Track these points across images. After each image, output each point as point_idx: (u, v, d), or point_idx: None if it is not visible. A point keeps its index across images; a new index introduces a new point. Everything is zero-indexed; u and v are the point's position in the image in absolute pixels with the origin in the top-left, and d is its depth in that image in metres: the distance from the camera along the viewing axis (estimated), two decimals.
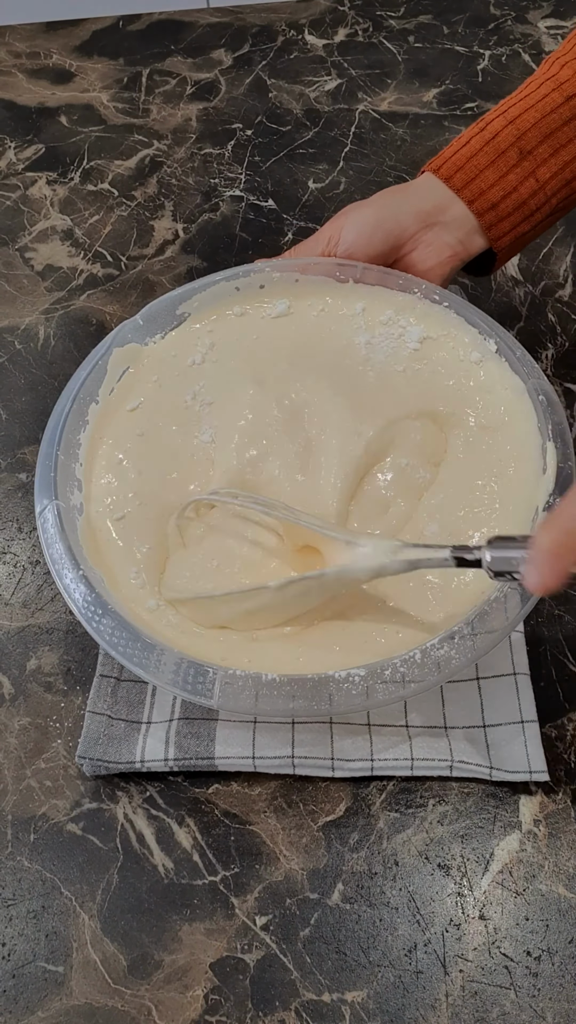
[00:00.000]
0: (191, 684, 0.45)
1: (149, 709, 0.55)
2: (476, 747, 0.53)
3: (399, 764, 0.52)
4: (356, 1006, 0.46)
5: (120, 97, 0.99)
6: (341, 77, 0.99)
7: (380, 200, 0.60)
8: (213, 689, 0.45)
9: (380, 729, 0.53)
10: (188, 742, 0.53)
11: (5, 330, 0.78)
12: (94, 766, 0.53)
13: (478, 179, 0.57)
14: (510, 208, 0.57)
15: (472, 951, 0.48)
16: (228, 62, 1.02)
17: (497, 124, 0.58)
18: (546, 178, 0.57)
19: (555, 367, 0.72)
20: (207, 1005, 0.47)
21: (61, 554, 0.49)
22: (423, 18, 1.06)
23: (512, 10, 1.05)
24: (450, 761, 0.52)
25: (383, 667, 0.45)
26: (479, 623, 0.46)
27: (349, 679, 0.45)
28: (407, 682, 0.45)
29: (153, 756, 0.52)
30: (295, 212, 0.85)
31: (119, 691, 0.55)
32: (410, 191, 0.60)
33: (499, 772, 0.51)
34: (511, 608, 0.47)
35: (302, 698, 0.45)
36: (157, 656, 0.46)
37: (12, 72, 1.02)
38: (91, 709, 0.54)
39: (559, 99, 0.57)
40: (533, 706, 0.54)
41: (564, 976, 0.47)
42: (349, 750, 0.53)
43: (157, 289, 0.79)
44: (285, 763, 0.52)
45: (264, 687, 0.45)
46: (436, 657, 0.46)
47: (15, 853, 0.51)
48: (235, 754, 0.52)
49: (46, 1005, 0.47)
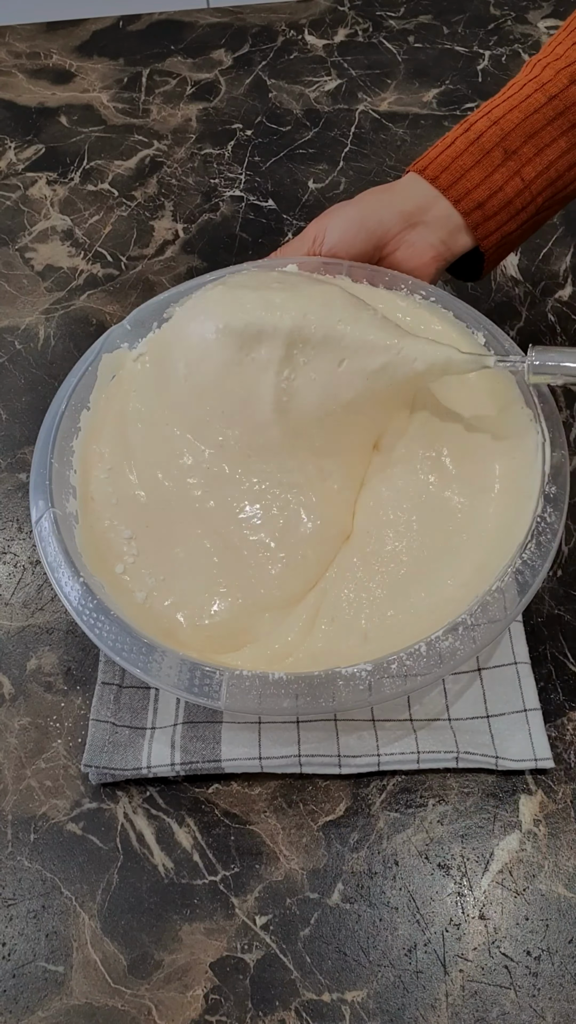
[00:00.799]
0: (197, 686, 0.45)
1: (152, 714, 0.55)
2: (481, 737, 0.53)
3: (405, 758, 0.52)
4: (356, 1006, 0.46)
5: (120, 97, 0.99)
6: (341, 77, 0.99)
7: (364, 200, 0.60)
8: (220, 690, 0.45)
9: (384, 724, 0.53)
10: (194, 745, 0.52)
11: (5, 330, 0.78)
12: (100, 774, 0.52)
13: (464, 179, 0.58)
14: (496, 207, 0.58)
15: (472, 951, 0.48)
16: (228, 62, 1.02)
17: (481, 125, 0.58)
18: (531, 177, 0.57)
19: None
20: (207, 1005, 0.47)
21: (60, 561, 0.49)
22: (423, 18, 1.06)
23: (512, 10, 1.05)
24: (456, 752, 0.52)
25: (389, 661, 0.45)
26: (481, 613, 0.47)
27: (355, 675, 0.45)
28: (412, 675, 0.45)
29: (160, 761, 0.52)
30: (295, 212, 0.86)
31: (122, 698, 0.55)
32: (394, 191, 0.60)
33: (505, 761, 0.52)
34: (510, 597, 0.47)
35: (308, 695, 0.45)
36: (160, 660, 0.46)
37: (12, 72, 1.03)
38: (94, 717, 0.54)
39: (542, 99, 0.57)
40: (535, 694, 0.54)
41: (564, 976, 0.47)
42: (355, 746, 0.53)
43: (157, 289, 0.79)
44: (292, 762, 0.52)
45: (271, 686, 0.45)
46: (440, 649, 0.46)
47: (15, 853, 0.52)
48: (241, 755, 0.52)
49: (46, 1005, 0.47)
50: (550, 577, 0.61)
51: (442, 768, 0.53)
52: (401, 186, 0.60)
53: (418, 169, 0.59)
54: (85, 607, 0.48)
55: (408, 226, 0.60)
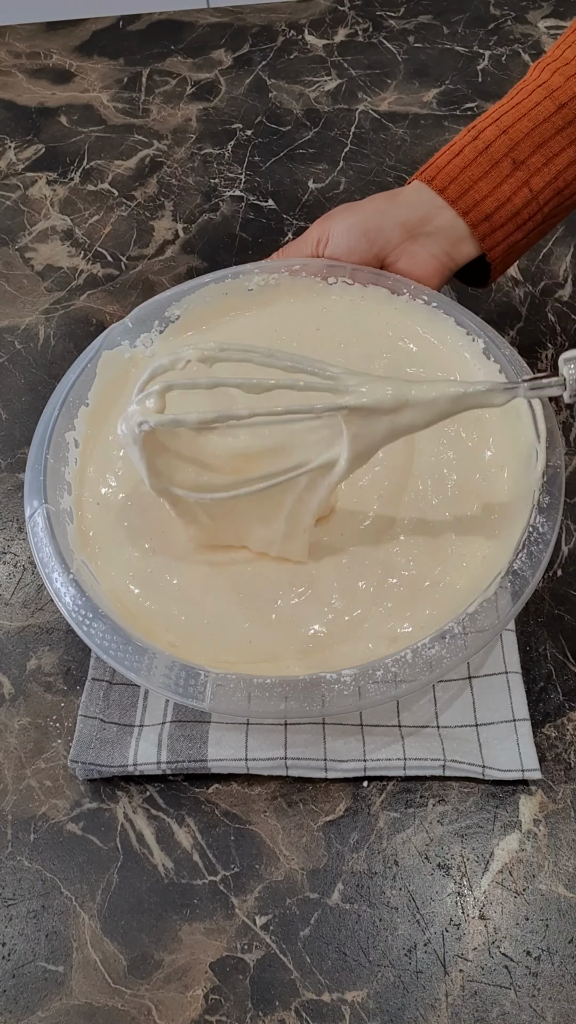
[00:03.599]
0: (183, 687, 0.45)
1: (141, 712, 0.55)
2: (469, 746, 0.53)
3: (392, 764, 0.52)
4: (356, 1006, 0.46)
5: (120, 97, 0.99)
6: (341, 77, 0.99)
7: (366, 209, 0.60)
8: (205, 692, 0.45)
9: (372, 729, 0.53)
10: (180, 745, 0.52)
11: (5, 330, 0.78)
12: (87, 770, 0.52)
13: (472, 190, 0.58)
14: (504, 219, 0.58)
15: (472, 951, 0.48)
16: (228, 62, 1.02)
17: (490, 133, 0.58)
18: (539, 188, 0.57)
19: (555, 367, 0.72)
20: (207, 1005, 0.47)
21: (51, 557, 0.49)
22: (423, 18, 1.06)
23: (512, 10, 1.05)
24: (443, 760, 0.52)
25: (375, 667, 0.45)
26: (470, 622, 0.46)
27: (340, 680, 0.45)
28: (399, 682, 0.45)
29: (146, 759, 0.52)
30: (295, 212, 0.86)
31: (111, 695, 0.55)
32: (398, 201, 0.60)
33: (492, 771, 0.51)
34: (502, 607, 0.47)
35: (294, 699, 0.45)
36: (149, 660, 0.46)
37: (12, 72, 1.02)
38: (83, 713, 0.54)
39: (551, 107, 0.57)
40: (525, 704, 0.54)
41: (564, 976, 0.47)
42: (342, 751, 0.53)
43: (157, 289, 0.79)
44: (278, 764, 0.52)
45: (256, 689, 0.45)
46: (427, 657, 0.46)
47: (15, 853, 0.52)
48: (228, 756, 0.52)
49: (46, 1005, 0.47)
50: (549, 577, 0.61)
51: (429, 776, 0.53)
52: (406, 195, 0.60)
53: (426, 179, 0.59)
54: (75, 604, 0.48)
55: (410, 238, 0.60)
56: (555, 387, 0.46)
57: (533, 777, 0.51)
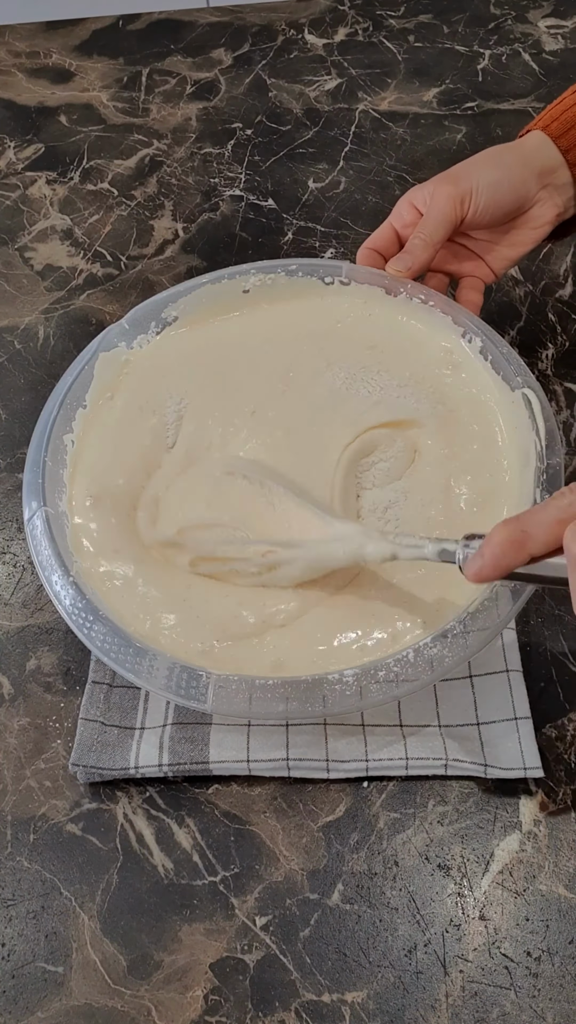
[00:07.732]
0: (184, 689, 0.45)
1: (142, 715, 0.54)
2: (470, 745, 0.52)
3: (394, 764, 0.52)
4: (356, 1006, 0.46)
5: (120, 97, 0.99)
6: (341, 77, 0.99)
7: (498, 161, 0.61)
8: (207, 693, 0.45)
9: (374, 729, 0.53)
10: (182, 747, 0.52)
11: (5, 330, 0.78)
12: (88, 773, 0.52)
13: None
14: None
15: (472, 951, 0.48)
16: (228, 62, 1.02)
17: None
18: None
19: (555, 367, 0.72)
20: (207, 1005, 0.47)
21: (50, 560, 0.49)
22: (423, 17, 1.06)
23: (512, 10, 1.05)
24: (445, 760, 0.52)
25: (376, 667, 0.45)
26: (471, 621, 0.46)
27: (342, 680, 0.45)
28: (400, 681, 0.45)
29: (147, 762, 0.52)
30: (295, 212, 0.85)
31: (112, 697, 0.55)
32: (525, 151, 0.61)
33: (494, 770, 0.51)
34: (502, 605, 0.47)
35: (296, 700, 0.45)
36: (149, 661, 0.46)
37: (12, 72, 1.02)
38: (84, 716, 0.54)
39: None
40: (526, 703, 0.53)
41: (564, 976, 0.47)
42: (343, 751, 0.52)
43: (157, 289, 0.79)
44: (280, 766, 0.52)
45: (257, 690, 0.45)
46: (429, 656, 0.46)
47: (15, 853, 0.51)
48: (230, 758, 0.52)
49: (46, 1005, 0.47)
50: None
51: (430, 775, 0.53)
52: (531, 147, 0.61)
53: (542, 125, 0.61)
54: (75, 606, 0.48)
55: (543, 186, 0.61)
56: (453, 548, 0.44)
57: (535, 775, 0.51)
